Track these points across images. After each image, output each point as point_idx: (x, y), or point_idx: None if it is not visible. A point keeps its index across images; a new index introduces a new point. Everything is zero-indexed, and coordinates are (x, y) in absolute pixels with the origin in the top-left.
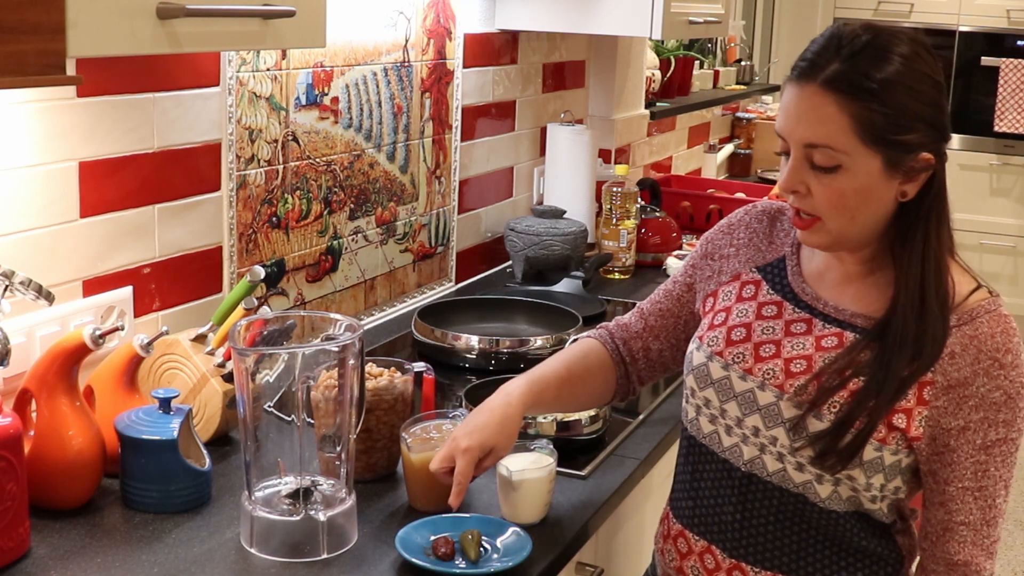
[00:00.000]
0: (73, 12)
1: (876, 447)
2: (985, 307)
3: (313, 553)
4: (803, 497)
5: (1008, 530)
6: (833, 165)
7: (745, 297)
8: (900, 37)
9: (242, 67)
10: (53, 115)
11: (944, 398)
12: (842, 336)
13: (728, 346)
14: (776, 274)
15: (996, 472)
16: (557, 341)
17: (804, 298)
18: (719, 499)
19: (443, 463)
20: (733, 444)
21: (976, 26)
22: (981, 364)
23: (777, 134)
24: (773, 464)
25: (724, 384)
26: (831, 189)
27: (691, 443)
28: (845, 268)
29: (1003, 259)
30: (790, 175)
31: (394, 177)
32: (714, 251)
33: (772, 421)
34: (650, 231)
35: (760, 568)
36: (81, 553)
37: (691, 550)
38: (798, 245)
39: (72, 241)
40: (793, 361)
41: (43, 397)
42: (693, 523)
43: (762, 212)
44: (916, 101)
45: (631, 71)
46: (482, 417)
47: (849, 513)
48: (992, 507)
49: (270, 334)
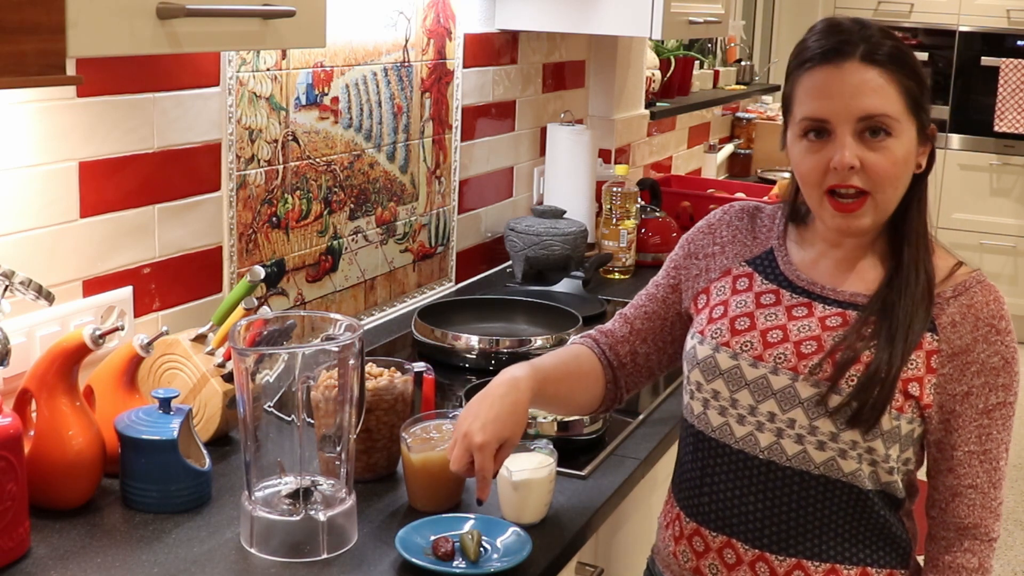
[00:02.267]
0: (73, 12)
1: (895, 416)
2: (975, 278)
3: (313, 553)
4: (825, 477)
5: (1008, 530)
6: (888, 131)
7: (740, 289)
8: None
9: (242, 67)
10: (53, 115)
11: (950, 365)
12: (845, 315)
13: (734, 335)
14: (767, 265)
15: (998, 435)
16: (557, 341)
17: (800, 284)
18: (737, 491)
19: (461, 462)
20: (747, 433)
21: (976, 26)
22: (980, 331)
23: (811, 118)
24: (792, 447)
25: (734, 373)
26: (886, 157)
27: (699, 439)
28: (842, 254)
29: (1003, 259)
30: (848, 151)
31: (394, 177)
32: (697, 251)
33: (789, 403)
34: (650, 231)
35: (784, 556)
36: (81, 553)
37: (708, 547)
38: (784, 238)
39: (72, 241)
40: (803, 343)
41: (43, 397)
42: (709, 519)
43: (741, 210)
44: (924, 75)
45: (631, 71)
46: (492, 408)
47: (871, 489)
48: (996, 470)
49: (270, 334)
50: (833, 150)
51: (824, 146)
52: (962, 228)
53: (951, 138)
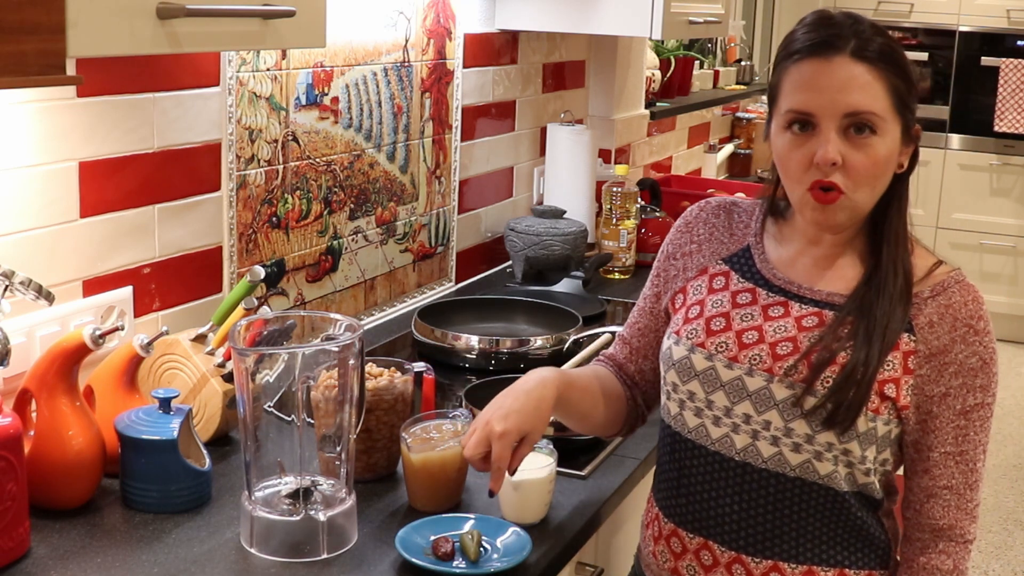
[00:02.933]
0: (73, 12)
1: (871, 418)
2: (954, 278)
3: (313, 553)
4: (801, 480)
5: (1008, 530)
6: (872, 129)
7: (716, 288)
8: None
9: (242, 67)
10: (53, 115)
11: (927, 366)
12: (821, 315)
13: (709, 336)
14: (743, 263)
15: (975, 437)
16: (557, 341)
17: (776, 283)
18: (713, 492)
19: (478, 448)
20: (723, 435)
21: (976, 26)
22: (958, 331)
23: (797, 111)
24: (768, 449)
25: (709, 375)
26: (869, 156)
27: (675, 439)
28: (821, 251)
29: (1003, 259)
30: (832, 146)
31: (394, 177)
32: (675, 251)
33: (764, 405)
34: (650, 231)
35: (760, 558)
36: (81, 553)
37: (686, 549)
38: (761, 235)
39: (72, 241)
40: (779, 344)
41: (43, 397)
42: (686, 520)
43: (717, 207)
44: (913, 73)
45: (631, 71)
46: (517, 401)
47: (848, 491)
48: (973, 471)
49: (270, 334)
50: (817, 144)
51: (808, 140)
52: (962, 228)
53: (951, 138)
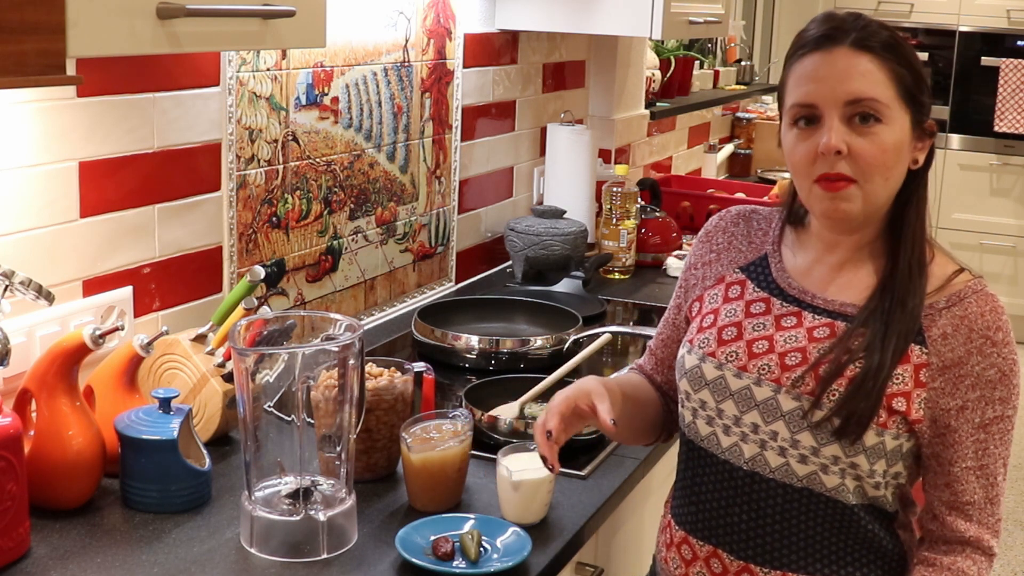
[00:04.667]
0: (73, 12)
1: (878, 432)
2: (972, 287)
3: (313, 553)
4: (808, 491)
5: (1008, 530)
6: (877, 118)
7: (731, 297)
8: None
9: (242, 67)
10: (53, 115)
11: (941, 379)
12: (833, 326)
13: (720, 346)
14: (760, 272)
15: (995, 450)
16: (557, 341)
17: (791, 292)
18: (723, 501)
19: (544, 428)
20: (732, 444)
21: (976, 26)
22: (974, 343)
23: (800, 104)
24: (775, 459)
25: (719, 384)
26: (875, 144)
27: (690, 447)
28: (837, 258)
29: (1003, 259)
30: (835, 134)
31: (394, 177)
32: (696, 261)
33: (771, 415)
34: (650, 231)
35: (769, 568)
36: (81, 553)
37: (696, 556)
38: (779, 243)
39: (72, 241)
40: (788, 355)
41: (43, 397)
42: (696, 528)
43: (737, 215)
44: (922, 68)
45: (631, 71)
46: (575, 384)
47: (856, 504)
48: (994, 485)
49: (270, 334)
50: (821, 135)
51: (813, 133)
52: (962, 228)
53: (951, 138)
